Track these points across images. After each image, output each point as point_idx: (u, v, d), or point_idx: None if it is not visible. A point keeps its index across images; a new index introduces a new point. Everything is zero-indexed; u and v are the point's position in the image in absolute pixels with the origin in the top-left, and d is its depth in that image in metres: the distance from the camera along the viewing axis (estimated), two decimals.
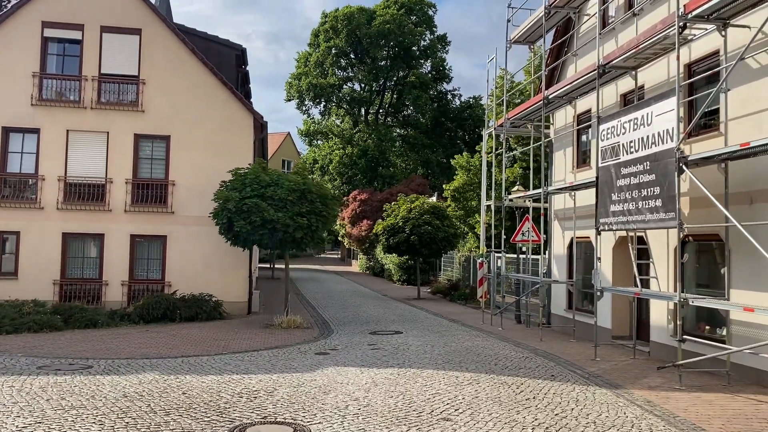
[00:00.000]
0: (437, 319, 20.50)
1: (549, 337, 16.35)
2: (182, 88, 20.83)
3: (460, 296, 26.84)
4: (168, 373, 11.18)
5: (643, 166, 11.70)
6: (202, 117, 20.86)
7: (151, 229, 20.39)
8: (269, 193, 17.35)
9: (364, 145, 52.71)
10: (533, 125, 19.29)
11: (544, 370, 11.85)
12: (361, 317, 20.61)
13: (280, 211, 17.24)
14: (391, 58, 54.08)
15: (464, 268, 31.46)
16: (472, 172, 32.00)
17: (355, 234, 46.72)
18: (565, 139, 18.01)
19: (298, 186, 17.69)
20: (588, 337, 15.97)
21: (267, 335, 16.33)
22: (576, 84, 15.06)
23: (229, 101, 20.99)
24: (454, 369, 11.79)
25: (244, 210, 17.07)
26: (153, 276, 20.48)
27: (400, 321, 19.61)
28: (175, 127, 20.70)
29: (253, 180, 17.62)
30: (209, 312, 19.08)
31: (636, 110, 12.02)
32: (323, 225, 18.23)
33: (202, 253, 20.42)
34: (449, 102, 56.35)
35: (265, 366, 11.97)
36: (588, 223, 16.11)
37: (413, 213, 27.83)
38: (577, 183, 15.18)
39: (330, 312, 22.14)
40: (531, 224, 18.98)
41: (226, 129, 20.94)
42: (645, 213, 11.62)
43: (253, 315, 20.82)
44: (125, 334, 16.03)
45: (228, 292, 20.49)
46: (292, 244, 17.84)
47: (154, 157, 20.75)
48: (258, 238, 17.31)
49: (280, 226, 17.05)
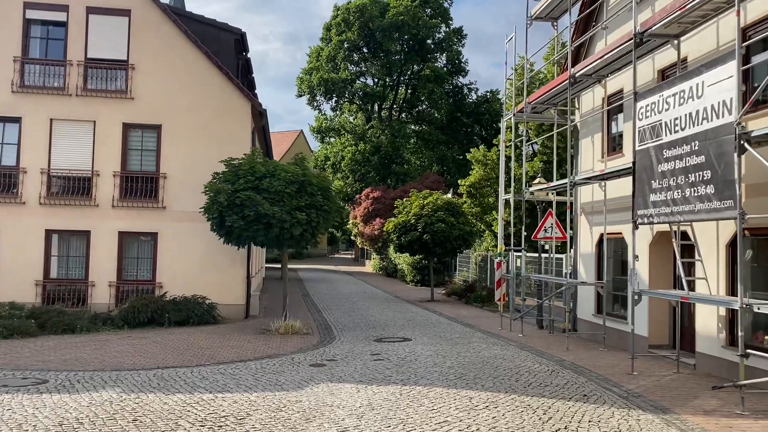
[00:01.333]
0: (451, 323, 18.75)
1: (575, 346, 14.55)
2: (175, 74, 19.28)
3: (477, 298, 25.06)
4: (131, 390, 9.56)
5: (690, 146, 9.88)
6: (196, 105, 19.30)
7: (141, 226, 18.87)
8: (264, 185, 15.73)
9: (377, 141, 50.99)
10: (557, 110, 17.47)
11: (574, 388, 10.07)
12: (368, 321, 18.93)
13: (276, 204, 15.61)
14: (405, 51, 52.31)
15: (481, 269, 29.66)
16: (489, 167, 30.19)
17: (367, 233, 45.06)
18: (593, 125, 16.19)
19: (296, 177, 16.05)
20: (620, 345, 14.16)
21: (261, 342, 14.70)
22: (608, 58, 13.25)
23: (225, 88, 19.40)
24: (468, 387, 10.05)
25: (236, 204, 15.46)
26: (143, 276, 18.95)
27: (409, 326, 17.90)
28: (167, 116, 19.15)
29: (247, 171, 16.01)
30: (202, 316, 17.49)
31: (683, 81, 10.20)
32: (324, 220, 16.56)
33: (196, 252, 18.86)
34: (465, 96, 54.37)
35: (247, 382, 10.32)
36: (620, 217, 14.29)
37: (426, 210, 26.06)
38: (609, 171, 13.36)
39: (335, 315, 20.48)
40: (555, 219, 17.17)
41: (223, 117, 19.35)
42: (693, 202, 9.80)
43: (252, 319, 19.22)
44: (104, 341, 14.48)
45: (224, 294, 18.91)
46: (289, 241, 16.19)
47: (145, 148, 19.22)
48: (252, 234, 15.68)
49: (275, 221, 15.41)
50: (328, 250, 78.43)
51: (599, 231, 15.51)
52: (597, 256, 15.75)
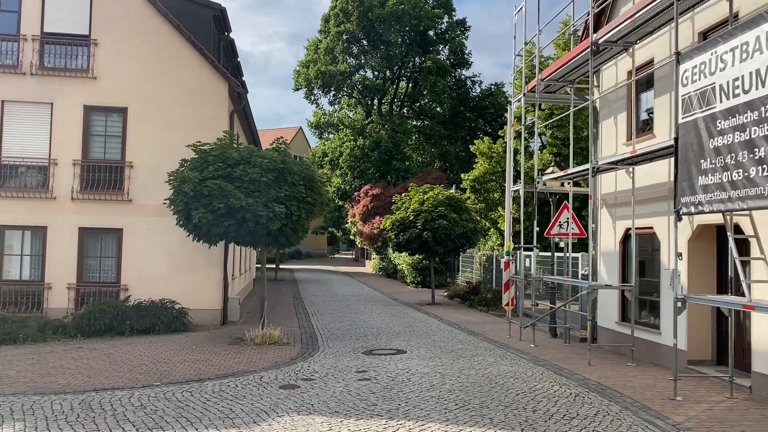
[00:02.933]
0: (453, 330, 16.62)
1: (598, 360, 12.39)
2: (143, 51, 17.18)
3: (481, 301, 22.91)
4: (33, 428, 7.44)
5: (758, 112, 7.74)
6: (167, 85, 17.20)
7: (104, 221, 16.77)
8: (238, 174, 13.61)
9: (376, 136, 48.76)
10: (573, 88, 15.32)
11: (608, 421, 7.92)
12: (360, 328, 16.82)
13: (251, 195, 13.49)
14: (406, 43, 50.08)
15: (485, 269, 27.50)
16: (494, 160, 27.96)
17: (366, 232, 42.95)
18: (616, 104, 14.03)
19: (274, 164, 13.92)
20: (651, 359, 12.02)
21: (230, 355, 12.58)
22: (639, 18, 11.10)
23: (200, 66, 17.28)
24: (473, 420, 7.90)
25: (204, 194, 13.34)
26: (107, 278, 16.85)
27: (406, 334, 15.78)
28: (134, 98, 17.04)
29: (217, 157, 13.90)
30: (169, 323, 15.39)
31: (746, 31, 8.05)
32: (308, 214, 14.42)
33: (167, 251, 16.77)
34: (469, 90, 52.12)
35: (193, 412, 8.19)
36: (652, 209, 12.14)
37: (426, 205, 23.91)
38: (642, 153, 11.21)
39: (324, 321, 18.37)
40: (571, 213, 15.02)
41: (197, 99, 17.25)
42: (762, 184, 7.66)
43: (230, 326, 17.10)
44: (46, 354, 12.37)
45: (197, 297, 16.82)
46: (267, 238, 14.06)
47: (109, 134, 17.11)
48: (223, 230, 13.56)
49: (250, 215, 13.29)
50: (328, 250, 76.31)
51: (624, 225, 13.37)
52: (621, 254, 13.59)
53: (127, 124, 16.97)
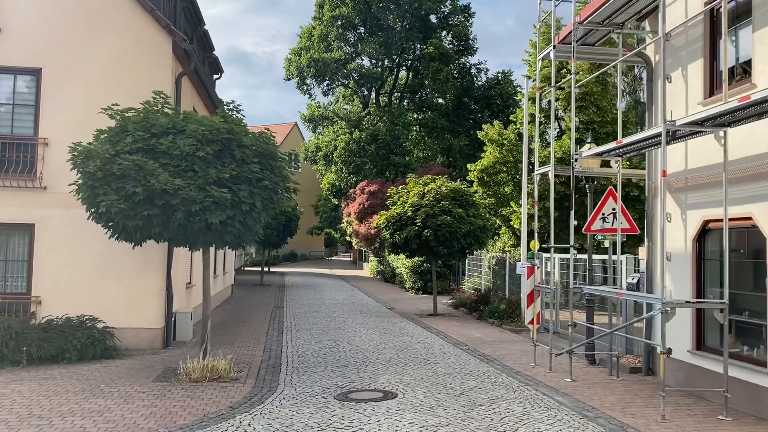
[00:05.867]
0: (460, 355, 12.83)
1: (671, 407, 8.59)
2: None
3: (492, 313, 19.07)
4: None
5: None
6: (92, 41, 13.41)
7: (10, 215, 12.98)
8: (164, 146, 9.85)
9: (374, 128, 44.90)
10: (621, 35, 11.51)
11: None
12: (342, 352, 13.04)
13: (182, 176, 9.74)
14: (406, 29, 46.23)
15: (496, 274, 23.67)
16: (506, 148, 24.07)
17: (363, 232, 39.10)
18: (686, 50, 10.21)
19: (216, 134, 10.12)
20: (754, 410, 8.22)
21: (147, 400, 8.79)
22: None
23: (136, 16, 13.52)
24: None
25: (115, 174, 9.58)
26: (13, 288, 13.03)
27: (399, 361, 11.98)
28: (50, 56, 13.25)
29: (139, 125, 10.14)
30: (85, 348, 11.57)
31: None
32: (265, 202, 10.58)
33: (92, 253, 12.97)
34: (474, 78, 48.19)
35: None
36: (749, 191, 8.36)
37: (427, 199, 20.09)
38: (750, 102, 7.40)
39: (299, 341, 14.60)
40: (620, 204, 11.19)
41: (133, 58, 13.46)
42: None
43: (176, 348, 13.30)
44: None
45: (132, 313, 13.04)
46: (207, 235, 10.24)
47: (17, 102, 13.30)
48: (142, 223, 9.78)
49: (179, 201, 9.52)
50: (325, 252, 72.52)
51: (700, 216, 9.58)
52: (697, 256, 9.77)
53: (41, 90, 13.16)
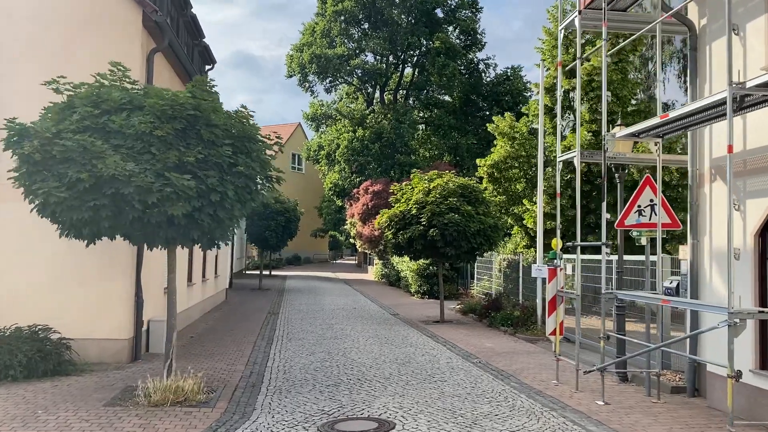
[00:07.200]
0: (471, 369, 11.15)
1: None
2: None
3: (505, 320, 17.34)
4: None
5: None
6: (47, 9, 11.86)
7: None
8: (117, 125, 8.23)
9: (378, 126, 43.24)
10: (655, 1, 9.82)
11: None
12: (335, 366, 11.39)
13: (136, 159, 8.12)
14: (411, 24, 44.59)
15: (507, 277, 21.95)
16: (517, 142, 22.39)
17: (366, 234, 37.48)
18: (748, 2, 8.50)
19: (178, 110, 8.47)
20: None
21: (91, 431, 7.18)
22: None
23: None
24: None
25: (55, 157, 7.96)
26: None
27: (400, 379, 10.31)
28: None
29: (87, 100, 8.52)
30: (35, 362, 9.96)
31: None
32: (240, 193, 8.92)
33: (48, 254, 11.38)
34: (482, 74, 46.44)
35: None
36: None
37: (433, 195, 18.42)
38: None
39: (288, 352, 12.96)
40: (660, 195, 9.46)
41: (94, 31, 11.85)
42: None
43: (146, 361, 11.68)
44: None
45: (96, 322, 11.45)
46: (168, 230, 8.57)
47: None
48: (87, 216, 8.13)
49: (133, 190, 7.88)
50: (329, 255, 70.79)
51: (764, 206, 7.86)
52: (760, 254, 8.04)
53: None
